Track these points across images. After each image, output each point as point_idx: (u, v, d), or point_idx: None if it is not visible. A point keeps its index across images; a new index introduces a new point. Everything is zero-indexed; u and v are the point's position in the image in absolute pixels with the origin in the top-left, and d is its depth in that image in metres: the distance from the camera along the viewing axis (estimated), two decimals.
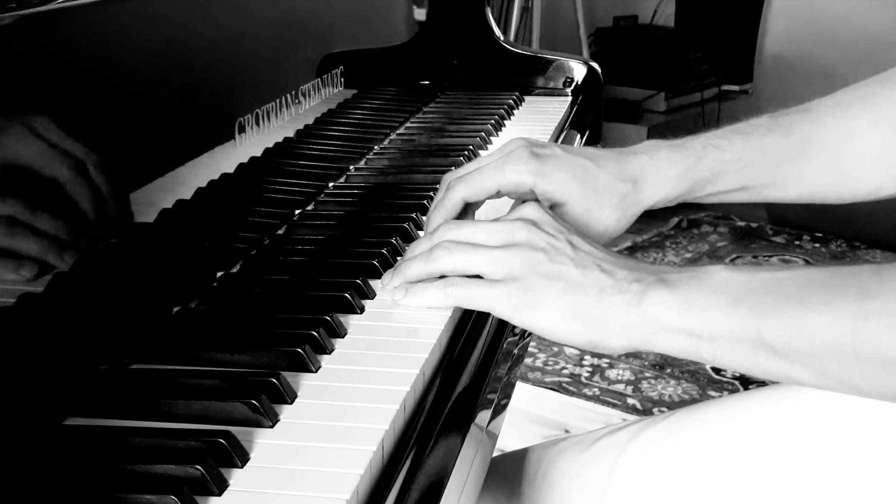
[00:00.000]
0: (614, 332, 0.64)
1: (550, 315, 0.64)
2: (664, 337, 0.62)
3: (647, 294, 0.63)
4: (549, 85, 1.37)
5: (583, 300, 0.64)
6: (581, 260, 0.66)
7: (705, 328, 0.61)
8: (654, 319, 0.62)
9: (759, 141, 0.78)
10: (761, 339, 0.59)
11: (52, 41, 0.58)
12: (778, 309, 0.58)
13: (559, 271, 0.65)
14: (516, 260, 0.66)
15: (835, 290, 0.57)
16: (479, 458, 0.64)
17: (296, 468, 0.51)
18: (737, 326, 0.59)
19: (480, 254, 0.67)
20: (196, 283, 0.72)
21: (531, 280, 0.65)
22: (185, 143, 0.73)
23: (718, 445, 0.70)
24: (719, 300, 0.61)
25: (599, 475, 0.72)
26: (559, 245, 0.67)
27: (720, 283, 0.62)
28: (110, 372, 0.60)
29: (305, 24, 0.97)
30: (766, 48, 2.70)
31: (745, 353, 0.60)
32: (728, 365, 0.62)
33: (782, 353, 0.58)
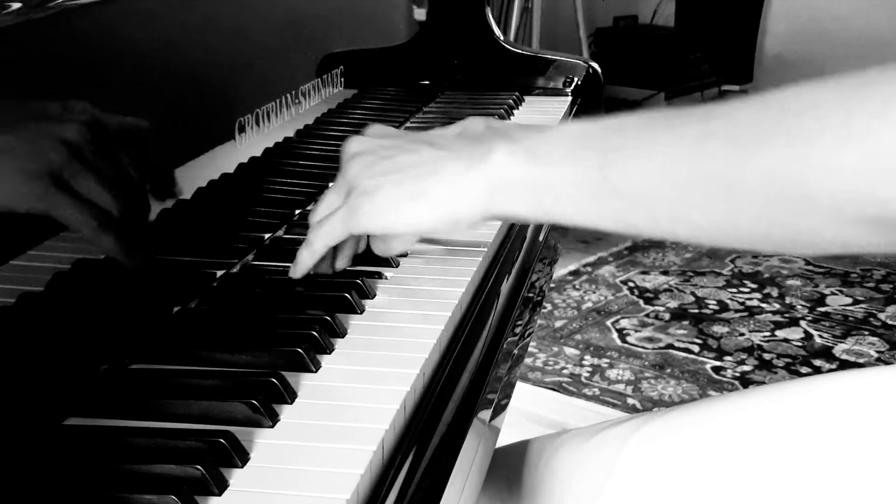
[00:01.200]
0: (460, 201, 0.62)
1: (391, 206, 0.63)
2: (509, 193, 0.60)
3: (493, 150, 0.61)
4: (549, 85, 1.37)
5: (418, 180, 0.63)
6: (412, 147, 0.65)
7: (546, 173, 0.59)
8: (498, 172, 0.60)
9: None
10: (602, 178, 0.57)
11: (52, 41, 0.58)
12: (621, 143, 0.57)
13: (391, 165, 0.64)
14: (350, 171, 0.66)
15: (681, 117, 0.55)
16: (479, 458, 0.64)
17: (296, 468, 0.51)
18: (580, 168, 0.58)
19: (327, 193, 0.68)
20: (196, 283, 0.72)
21: (364, 182, 0.64)
22: (185, 143, 0.73)
23: (720, 440, 0.70)
24: (565, 145, 0.59)
25: (601, 464, 0.72)
26: (389, 142, 0.66)
27: (569, 131, 0.60)
28: (110, 372, 0.60)
29: (305, 24, 0.97)
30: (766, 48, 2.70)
31: (586, 197, 0.58)
32: (569, 216, 0.60)
33: (620, 190, 0.56)
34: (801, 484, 0.65)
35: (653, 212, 0.56)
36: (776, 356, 2.04)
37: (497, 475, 0.81)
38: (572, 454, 0.75)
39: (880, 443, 0.64)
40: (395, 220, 0.64)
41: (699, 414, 0.72)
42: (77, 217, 0.57)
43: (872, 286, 2.40)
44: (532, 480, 0.78)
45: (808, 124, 0.50)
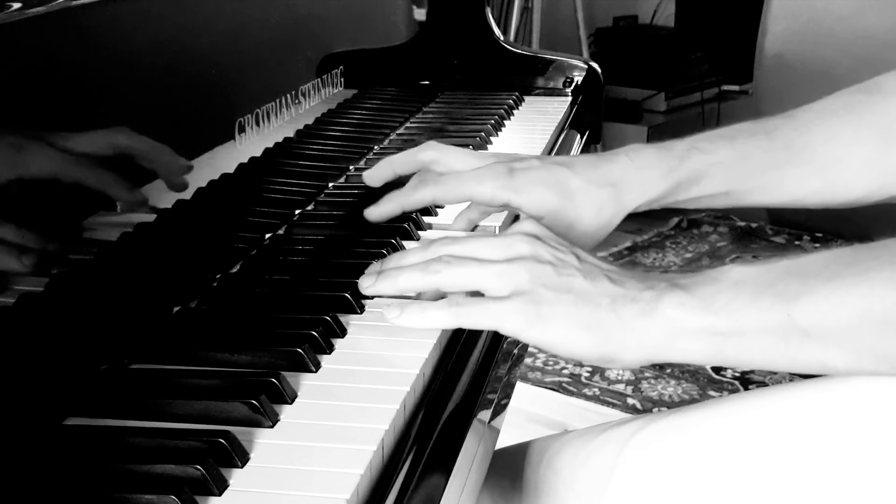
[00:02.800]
0: (629, 343, 0.61)
1: (562, 329, 0.62)
2: (684, 341, 0.60)
3: (662, 299, 0.60)
4: (549, 85, 1.37)
5: (594, 311, 0.61)
6: (589, 271, 0.63)
7: (729, 324, 0.58)
8: (671, 323, 0.60)
9: (743, 145, 0.78)
10: (792, 325, 0.56)
11: (53, 41, 0.58)
12: (807, 289, 0.56)
13: (568, 283, 0.62)
14: (523, 273, 0.63)
15: (865, 262, 0.55)
16: (479, 458, 0.64)
17: (296, 468, 0.51)
18: (764, 316, 0.57)
19: (484, 268, 0.64)
20: (196, 283, 0.72)
21: (539, 293, 0.62)
22: (185, 143, 0.73)
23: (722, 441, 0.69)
24: (741, 293, 0.58)
25: (604, 465, 0.72)
26: (565, 257, 0.64)
27: (738, 277, 0.59)
28: (110, 372, 0.60)
29: (305, 24, 0.97)
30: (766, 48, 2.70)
31: (774, 343, 0.57)
32: (755, 361, 0.59)
33: (815, 335, 0.56)
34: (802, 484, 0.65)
35: (854, 355, 0.56)
36: None
37: (499, 475, 0.81)
38: (574, 455, 0.75)
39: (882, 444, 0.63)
40: (563, 342, 0.62)
41: (701, 415, 0.72)
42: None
43: None
44: (534, 481, 0.78)
45: None
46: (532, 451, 0.79)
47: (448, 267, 0.64)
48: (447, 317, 0.63)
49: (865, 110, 0.78)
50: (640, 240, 2.71)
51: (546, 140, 1.15)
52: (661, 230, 2.78)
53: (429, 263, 0.65)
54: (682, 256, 2.61)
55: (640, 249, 2.65)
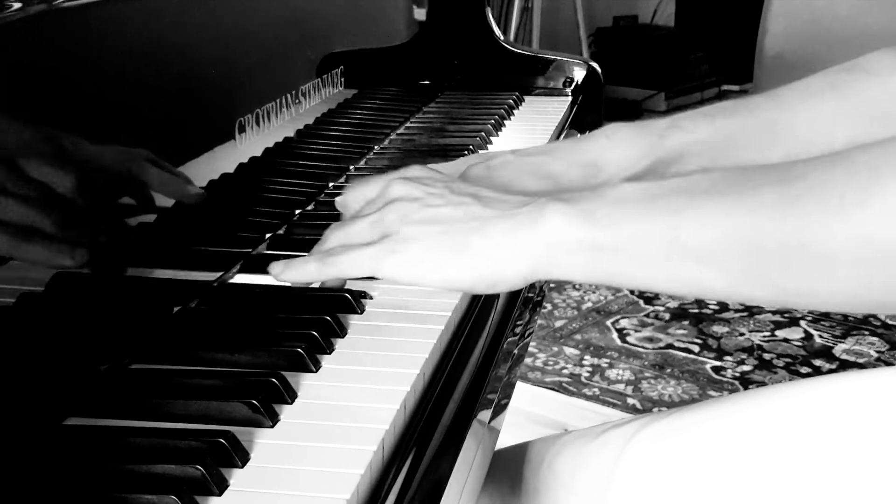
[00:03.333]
0: (507, 259, 0.59)
1: (430, 259, 0.60)
2: (563, 253, 0.57)
3: (543, 210, 0.58)
4: (549, 85, 1.37)
5: (462, 235, 0.60)
6: (460, 200, 0.62)
7: (611, 236, 0.56)
8: (550, 233, 0.58)
9: (724, 123, 0.77)
10: (674, 239, 0.54)
11: (52, 41, 0.58)
12: (694, 204, 0.54)
13: (435, 214, 0.61)
14: (390, 215, 0.62)
15: (757, 179, 0.53)
16: (479, 458, 0.64)
17: (296, 468, 0.51)
18: (646, 228, 0.55)
19: (359, 222, 0.64)
20: (196, 283, 0.72)
21: (404, 231, 0.61)
22: (185, 143, 0.73)
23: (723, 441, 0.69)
24: (626, 206, 0.56)
25: (604, 466, 0.72)
26: (434, 190, 0.63)
27: (625, 191, 0.57)
28: (110, 372, 0.60)
29: (305, 24, 0.97)
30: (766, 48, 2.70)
31: (653, 258, 0.55)
32: (635, 277, 0.57)
33: (695, 252, 0.54)
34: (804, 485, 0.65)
35: (731, 276, 0.54)
36: (776, 356, 2.04)
37: (499, 477, 0.81)
38: (574, 456, 0.75)
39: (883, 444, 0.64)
40: (429, 272, 0.61)
41: (702, 415, 0.72)
42: None
43: None
44: (534, 482, 0.78)
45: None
46: (531, 453, 0.79)
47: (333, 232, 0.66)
48: (323, 268, 0.64)
49: (849, 89, 0.77)
50: None
51: (546, 140, 1.15)
52: None
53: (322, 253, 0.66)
54: None
55: None
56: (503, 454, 0.83)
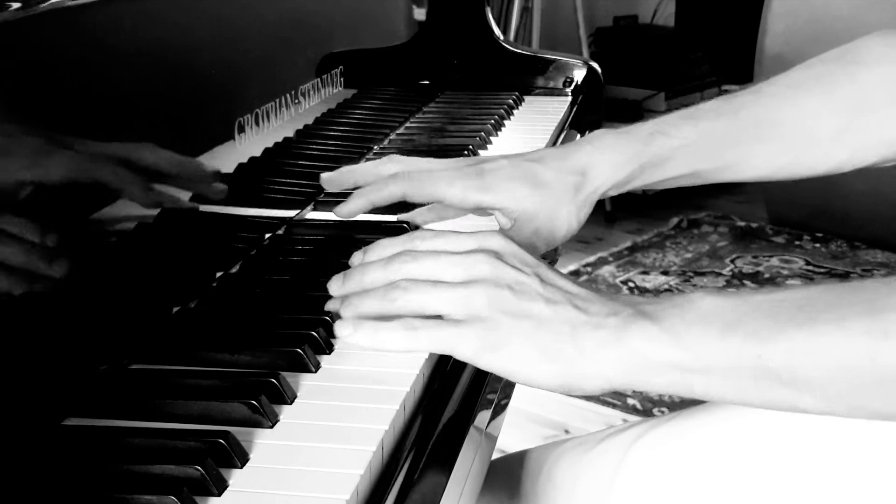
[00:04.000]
0: (591, 372, 0.59)
1: (518, 356, 0.59)
2: (650, 374, 0.58)
3: (629, 328, 0.58)
4: (549, 85, 1.37)
5: (555, 339, 0.59)
6: (551, 295, 0.61)
7: (698, 360, 0.56)
8: (637, 354, 0.57)
9: (708, 125, 0.77)
10: (763, 367, 0.55)
11: (52, 41, 0.58)
12: (780, 332, 0.54)
13: (528, 309, 0.60)
14: (480, 297, 0.60)
15: (842, 307, 0.54)
16: (478, 458, 0.64)
17: (295, 468, 0.50)
18: (734, 355, 0.55)
19: (441, 293, 0.61)
20: (196, 283, 0.72)
21: (497, 319, 0.60)
22: (185, 143, 0.73)
23: (723, 446, 0.69)
24: (711, 328, 0.56)
25: (604, 475, 0.72)
26: (526, 280, 0.61)
27: (708, 310, 0.57)
28: (110, 372, 0.60)
29: (305, 24, 0.97)
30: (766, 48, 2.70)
31: (743, 383, 0.56)
32: (724, 398, 0.58)
33: (787, 380, 0.54)
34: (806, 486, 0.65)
35: (826, 401, 0.55)
36: None
37: (496, 485, 0.81)
38: (573, 465, 0.74)
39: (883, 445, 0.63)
40: (519, 370, 0.59)
41: (701, 419, 0.72)
42: None
43: None
44: (533, 492, 0.77)
45: None
46: (529, 461, 0.79)
47: (405, 294, 0.62)
48: (400, 340, 0.61)
49: (837, 82, 0.77)
50: (640, 240, 2.71)
51: (546, 140, 1.15)
52: (661, 230, 2.78)
53: (387, 291, 0.62)
54: (682, 256, 2.61)
55: (640, 249, 2.65)
56: (501, 461, 0.83)
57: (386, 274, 0.63)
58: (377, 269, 0.64)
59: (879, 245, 2.60)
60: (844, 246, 2.63)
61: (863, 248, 2.61)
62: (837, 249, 2.63)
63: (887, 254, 2.58)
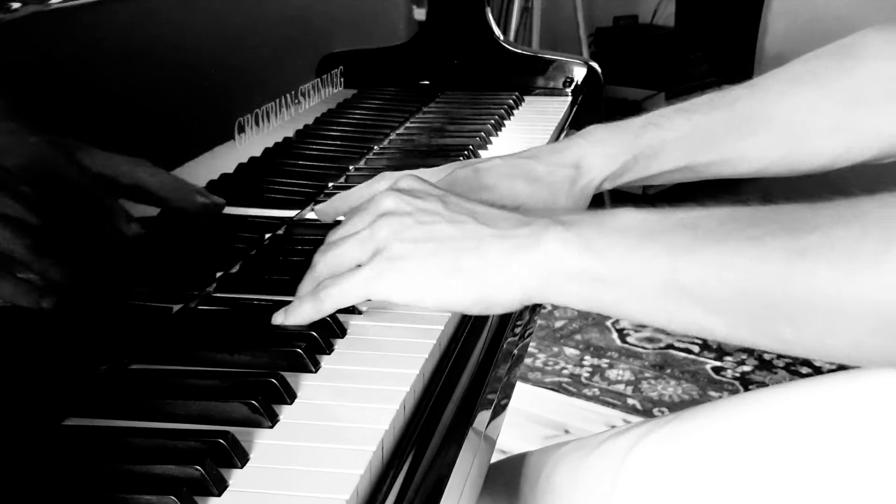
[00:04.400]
0: (503, 283, 0.57)
1: (422, 279, 0.58)
2: (561, 280, 0.56)
3: (543, 234, 0.56)
4: (549, 85, 1.37)
5: (458, 255, 0.58)
6: (454, 216, 0.59)
7: (611, 269, 0.55)
8: (549, 258, 0.56)
9: (701, 118, 0.77)
10: (674, 281, 0.53)
11: (52, 41, 0.58)
12: (696, 246, 0.53)
13: (429, 232, 0.59)
14: (382, 231, 0.59)
15: (762, 225, 0.52)
16: (478, 458, 0.64)
17: (295, 468, 0.50)
18: (647, 265, 0.54)
19: (350, 241, 0.61)
20: (196, 283, 0.72)
21: (394, 247, 0.59)
22: (185, 143, 0.73)
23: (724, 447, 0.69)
24: (627, 238, 0.55)
25: (603, 478, 0.72)
26: (428, 205, 0.60)
27: (628, 222, 0.56)
28: (110, 372, 0.60)
29: (305, 24, 0.97)
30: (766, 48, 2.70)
31: (653, 297, 0.54)
32: (632, 312, 0.56)
33: (697, 296, 0.52)
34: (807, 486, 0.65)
35: (732, 323, 0.53)
36: (776, 356, 2.04)
37: (496, 489, 0.81)
38: (573, 469, 0.74)
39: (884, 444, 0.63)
40: (423, 293, 0.59)
41: (700, 421, 0.71)
42: None
43: None
44: (532, 495, 0.77)
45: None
46: (529, 465, 0.79)
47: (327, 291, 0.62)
48: (312, 310, 0.61)
49: (832, 76, 0.77)
50: None
51: (546, 140, 1.15)
52: None
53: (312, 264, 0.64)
54: None
55: None
56: (501, 465, 0.83)
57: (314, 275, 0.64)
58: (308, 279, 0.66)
59: None
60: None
61: None
62: None
63: None
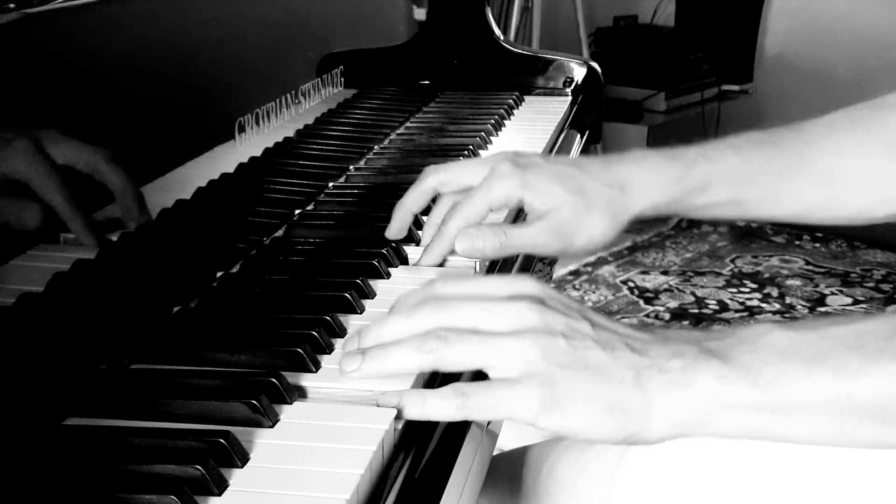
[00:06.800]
0: (658, 420, 0.55)
1: (582, 412, 0.54)
2: (723, 417, 0.54)
3: (698, 369, 0.54)
4: (549, 85, 1.37)
5: (617, 388, 0.54)
6: (606, 340, 0.56)
7: (779, 399, 0.53)
8: (709, 397, 0.54)
9: (750, 154, 0.78)
10: (851, 405, 0.52)
11: (52, 41, 0.58)
12: (870, 366, 0.52)
13: (585, 358, 0.55)
14: (533, 349, 0.55)
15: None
16: (479, 457, 0.64)
17: (296, 468, 0.50)
18: (820, 392, 0.52)
19: (489, 345, 0.55)
20: (196, 283, 0.72)
21: (554, 373, 0.54)
22: (185, 143, 0.73)
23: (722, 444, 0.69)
24: (790, 365, 0.53)
25: (604, 471, 0.72)
26: (578, 325, 0.56)
27: (783, 345, 0.54)
28: (110, 372, 0.60)
29: (305, 24, 0.97)
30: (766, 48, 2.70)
31: (828, 421, 0.53)
32: (803, 438, 0.55)
33: (877, 415, 0.52)
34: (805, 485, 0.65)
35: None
36: None
37: (498, 482, 0.81)
38: (574, 462, 0.75)
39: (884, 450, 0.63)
40: (583, 429, 0.55)
41: None
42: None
43: (872, 286, 2.40)
44: (534, 488, 0.77)
45: None
46: (530, 457, 0.79)
47: (447, 345, 0.56)
48: (453, 409, 0.55)
49: (872, 124, 0.79)
50: (640, 240, 2.71)
51: (546, 140, 1.15)
52: (661, 230, 2.78)
53: (424, 341, 0.56)
54: (682, 256, 2.61)
55: (640, 249, 2.65)
56: (502, 458, 0.83)
57: (413, 323, 0.57)
58: (400, 320, 0.58)
59: (879, 245, 2.60)
60: (844, 246, 2.63)
61: (863, 248, 2.61)
62: (837, 249, 2.63)
63: (887, 253, 2.58)
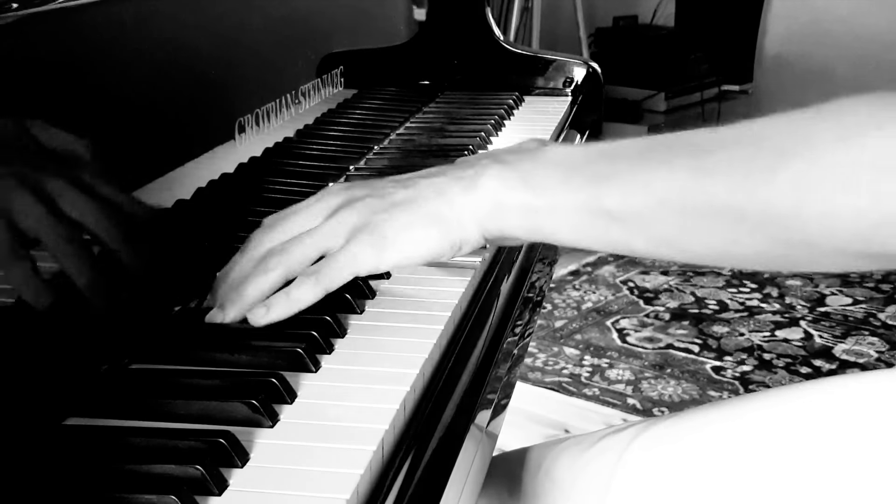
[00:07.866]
0: (467, 222, 0.63)
1: (409, 236, 0.63)
2: (507, 215, 0.62)
3: (485, 174, 0.63)
4: (549, 85, 1.37)
5: (426, 204, 0.63)
6: (406, 180, 0.65)
7: (544, 199, 0.61)
8: (493, 195, 0.62)
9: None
10: (600, 206, 0.59)
11: (52, 41, 0.58)
12: (615, 172, 0.60)
13: (392, 198, 0.64)
14: (350, 214, 0.64)
15: (672, 150, 0.59)
16: (479, 458, 0.64)
17: (296, 468, 0.51)
18: (575, 194, 0.60)
19: (315, 234, 0.64)
20: (196, 283, 0.72)
21: (374, 220, 0.63)
22: (185, 143, 0.73)
23: (721, 445, 0.69)
24: (556, 171, 0.62)
25: (602, 472, 0.72)
26: (380, 184, 0.66)
27: (556, 157, 0.63)
28: (110, 372, 0.60)
29: (305, 24, 0.97)
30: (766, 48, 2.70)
31: (585, 222, 0.60)
32: (568, 238, 0.62)
33: (620, 217, 0.59)
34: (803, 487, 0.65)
35: (652, 238, 0.60)
36: (776, 356, 2.04)
37: (497, 482, 0.81)
38: (572, 462, 0.75)
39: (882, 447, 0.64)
40: (414, 248, 0.64)
41: (699, 420, 0.72)
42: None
43: (872, 286, 2.40)
44: (532, 488, 0.78)
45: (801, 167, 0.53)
46: (529, 459, 0.79)
47: (286, 254, 0.63)
48: (311, 290, 0.63)
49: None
50: None
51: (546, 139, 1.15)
52: None
53: (266, 262, 0.64)
54: None
55: None
56: (502, 458, 0.83)
57: (250, 255, 0.65)
58: (238, 263, 0.66)
59: None
60: None
61: None
62: None
63: None
